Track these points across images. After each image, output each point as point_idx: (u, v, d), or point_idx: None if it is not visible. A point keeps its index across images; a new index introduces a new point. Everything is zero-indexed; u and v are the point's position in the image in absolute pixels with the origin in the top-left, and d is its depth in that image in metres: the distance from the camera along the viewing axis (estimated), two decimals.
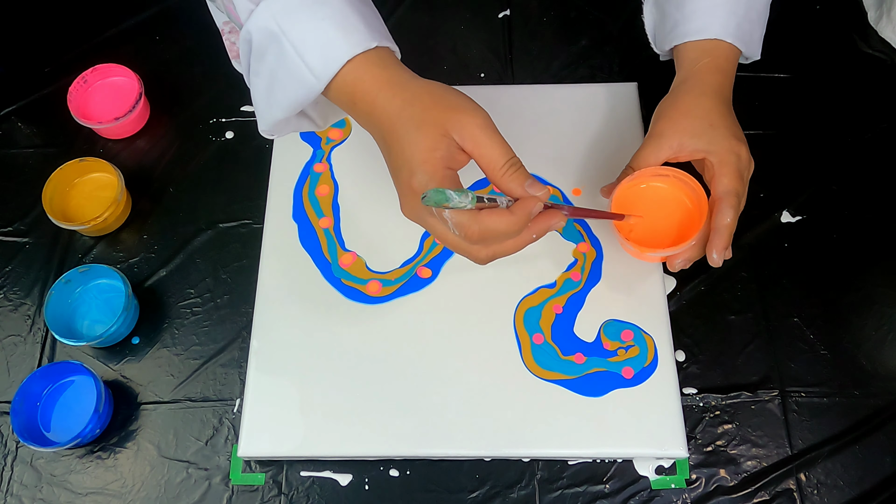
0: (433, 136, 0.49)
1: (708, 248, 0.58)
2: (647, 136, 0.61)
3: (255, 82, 0.54)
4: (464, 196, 0.46)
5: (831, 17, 0.83)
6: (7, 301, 0.73)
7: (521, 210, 0.49)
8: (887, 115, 0.77)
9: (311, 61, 0.50)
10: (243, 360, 0.68)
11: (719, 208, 0.58)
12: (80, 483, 0.66)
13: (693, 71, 0.62)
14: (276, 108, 0.54)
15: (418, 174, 0.48)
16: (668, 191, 0.62)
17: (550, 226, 0.52)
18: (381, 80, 0.51)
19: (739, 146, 0.59)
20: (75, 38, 0.85)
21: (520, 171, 0.50)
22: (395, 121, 0.50)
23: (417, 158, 0.49)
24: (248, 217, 0.75)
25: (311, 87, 0.51)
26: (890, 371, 0.67)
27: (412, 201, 0.50)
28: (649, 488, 0.64)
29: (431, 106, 0.50)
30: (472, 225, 0.48)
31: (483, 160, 0.49)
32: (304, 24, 0.50)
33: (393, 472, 0.65)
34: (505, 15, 0.84)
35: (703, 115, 0.59)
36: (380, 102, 0.51)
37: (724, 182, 0.58)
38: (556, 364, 0.65)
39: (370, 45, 0.51)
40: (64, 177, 0.74)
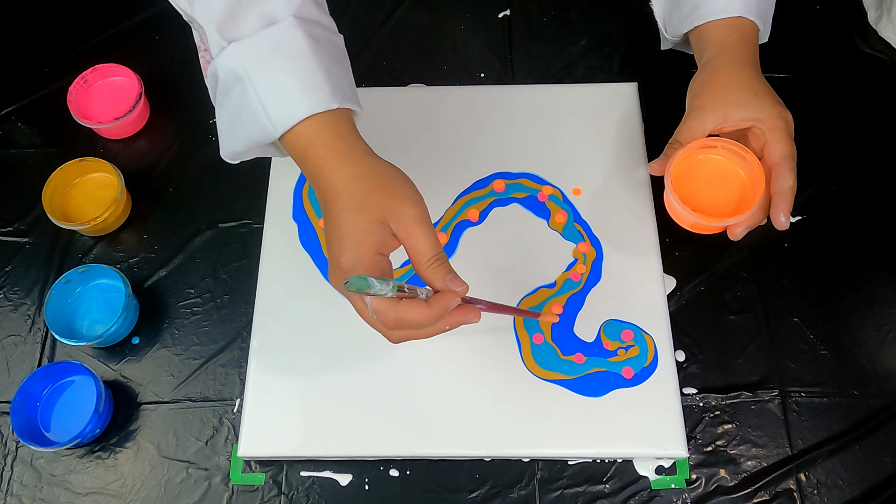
0: (370, 220, 0.50)
1: (774, 212, 0.59)
2: (689, 111, 0.62)
3: (219, 112, 0.57)
4: (385, 284, 0.47)
5: (831, 17, 0.83)
6: (7, 301, 0.73)
7: (437, 304, 0.50)
8: (887, 115, 0.77)
9: (270, 111, 0.52)
10: (243, 360, 0.68)
11: (779, 172, 0.58)
12: (80, 483, 0.66)
13: (724, 45, 0.62)
14: (237, 142, 0.56)
15: (348, 254, 0.50)
16: (723, 161, 0.62)
17: (465, 320, 0.53)
18: (333, 148, 0.52)
19: (785, 111, 0.60)
20: (75, 38, 0.85)
21: (443, 266, 0.51)
22: (337, 194, 0.51)
23: (351, 240, 0.50)
24: (248, 217, 0.75)
25: (267, 134, 0.53)
26: (890, 371, 0.67)
27: (338, 274, 0.51)
28: (649, 488, 0.64)
29: (375, 190, 0.51)
30: (390, 313, 0.50)
31: (412, 251, 0.51)
32: (269, 74, 0.52)
33: (393, 472, 0.65)
34: (505, 15, 0.84)
35: (745, 85, 0.60)
36: (326, 171, 0.52)
37: (779, 147, 0.58)
38: (556, 364, 0.65)
39: (330, 106, 0.52)
40: (64, 177, 0.74)
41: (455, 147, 0.74)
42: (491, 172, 0.73)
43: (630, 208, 0.71)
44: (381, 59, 0.82)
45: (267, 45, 0.52)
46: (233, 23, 0.53)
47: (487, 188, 0.72)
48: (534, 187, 0.72)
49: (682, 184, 0.62)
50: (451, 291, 0.51)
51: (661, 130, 0.76)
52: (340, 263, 0.50)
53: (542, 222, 0.71)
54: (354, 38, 0.83)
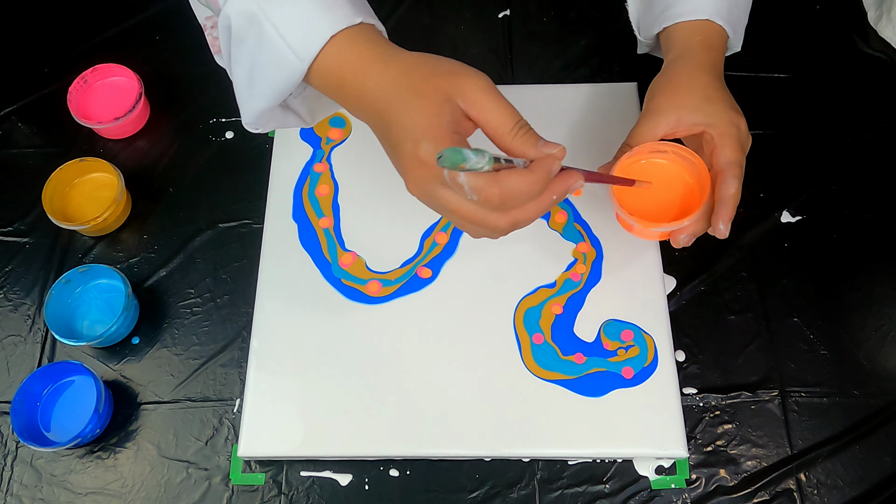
0: (436, 101, 0.46)
1: (714, 219, 0.57)
2: (643, 113, 0.61)
3: (235, 71, 0.52)
4: (480, 156, 0.42)
5: (831, 17, 0.83)
6: (7, 301, 0.73)
7: (540, 168, 0.46)
8: (887, 115, 0.77)
9: (292, 41, 0.48)
10: (243, 360, 0.68)
11: (723, 179, 0.57)
12: (80, 483, 0.66)
13: (686, 48, 0.61)
14: (259, 96, 0.52)
15: (424, 142, 0.45)
16: (668, 166, 0.61)
17: (569, 186, 0.49)
18: (369, 56, 0.48)
19: (738, 118, 0.59)
20: (75, 38, 0.85)
21: (530, 132, 0.47)
22: (391, 94, 0.47)
23: (422, 125, 0.45)
24: (248, 217, 0.75)
25: (293, 70, 0.49)
26: (890, 371, 0.67)
27: (419, 173, 0.46)
28: (649, 488, 0.64)
29: (429, 74, 0.47)
30: (492, 187, 0.45)
31: (490, 125, 0.47)
32: (284, 2, 0.48)
33: (393, 472, 0.65)
34: (505, 15, 0.84)
35: (700, 90, 0.59)
36: (371, 79, 0.48)
37: (727, 153, 0.57)
38: (556, 364, 0.65)
39: (354, 20, 0.49)
40: (64, 177, 0.74)
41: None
42: None
43: None
44: None
45: None
46: None
47: None
48: None
49: (625, 190, 0.60)
50: (549, 155, 0.46)
51: None
52: (420, 156, 0.45)
53: (542, 222, 0.71)
54: None
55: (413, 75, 0.47)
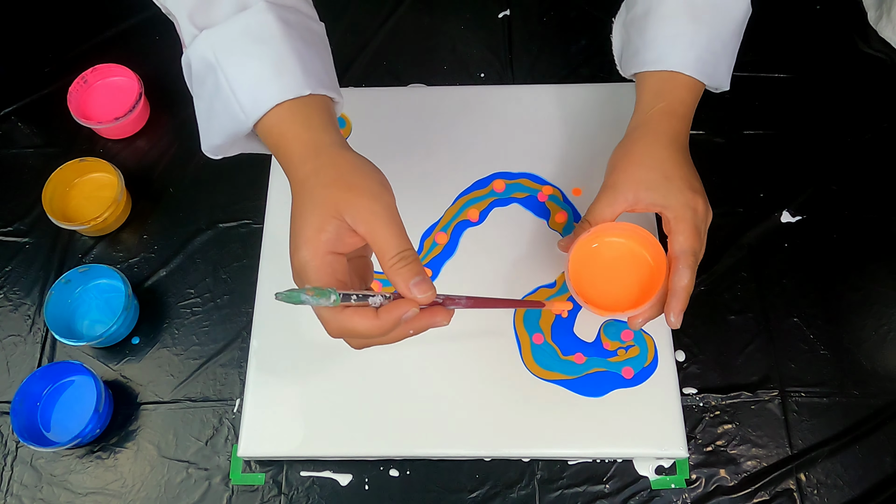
0: (323, 216, 0.47)
1: (666, 310, 0.56)
2: (602, 188, 0.59)
3: (197, 104, 0.55)
4: (322, 297, 0.44)
5: (831, 17, 0.83)
6: (7, 301, 0.73)
7: (387, 315, 0.46)
8: (887, 115, 0.77)
9: (241, 98, 0.50)
10: (243, 360, 0.68)
11: (675, 268, 0.55)
12: (80, 483, 0.66)
13: (647, 117, 0.59)
14: (214, 134, 0.54)
15: (301, 251, 0.47)
16: (627, 245, 0.60)
17: (433, 324, 0.49)
18: (299, 140, 0.50)
19: (696, 199, 0.56)
20: (75, 38, 0.85)
21: (409, 267, 0.46)
22: (297, 188, 0.49)
23: (304, 235, 0.47)
24: (248, 217, 0.75)
25: (241, 123, 0.51)
26: (890, 371, 0.67)
27: (292, 270, 0.48)
28: (649, 488, 0.64)
29: (331, 183, 0.48)
30: (332, 321, 0.47)
31: (374, 248, 0.47)
32: (238, 59, 0.50)
33: (393, 472, 0.65)
34: (505, 15, 0.84)
35: (656, 167, 0.57)
36: (293, 164, 0.50)
37: (680, 240, 0.55)
38: (556, 364, 0.65)
39: (302, 91, 0.50)
40: (64, 177, 0.74)
41: (455, 147, 0.74)
42: (491, 172, 0.73)
43: None
44: (381, 59, 0.82)
45: (237, 30, 0.50)
46: (205, 10, 0.51)
47: (487, 188, 0.72)
48: (534, 187, 0.72)
49: (584, 269, 0.59)
50: (410, 299, 0.47)
51: None
52: (293, 262, 0.47)
53: (542, 222, 0.71)
54: (354, 39, 0.83)
55: (319, 179, 0.48)
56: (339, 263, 0.47)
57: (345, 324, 0.47)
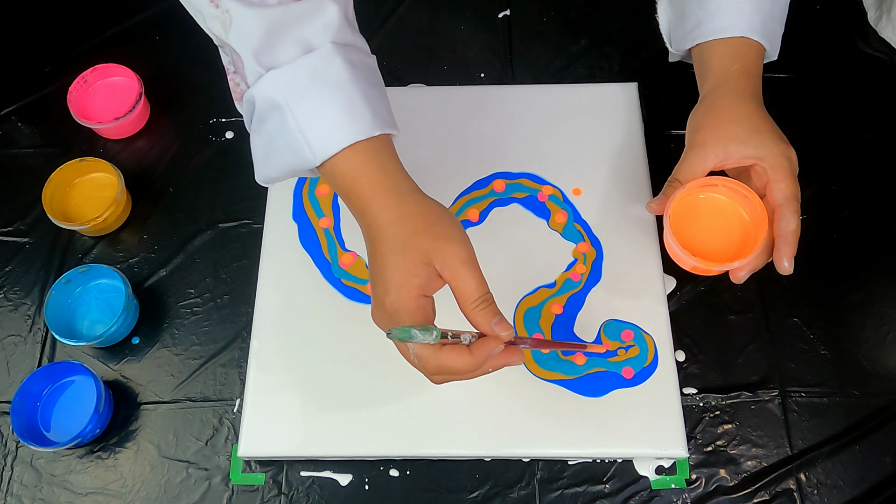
0: (415, 262, 0.50)
1: (777, 256, 0.56)
2: (689, 147, 0.60)
3: (254, 139, 0.56)
4: (427, 334, 0.48)
5: (831, 17, 0.83)
6: (7, 301, 0.73)
7: (480, 351, 0.50)
8: (887, 115, 0.77)
9: (311, 140, 0.51)
10: (243, 360, 0.68)
11: (782, 214, 0.56)
12: (80, 483, 0.66)
13: (726, 77, 0.60)
14: (272, 168, 0.55)
15: (392, 296, 0.49)
16: (723, 200, 0.60)
17: (508, 363, 0.52)
18: (378, 186, 0.51)
19: (788, 149, 0.58)
20: (75, 38, 0.85)
21: (489, 308, 0.50)
22: (382, 234, 0.51)
23: (395, 282, 0.49)
24: (248, 217, 0.75)
25: (306, 161, 0.52)
26: (890, 371, 0.67)
27: (381, 314, 0.51)
28: (649, 488, 0.64)
29: (421, 231, 0.50)
30: (432, 360, 0.50)
31: (458, 291, 0.50)
32: (309, 102, 0.51)
33: (393, 472, 0.65)
34: (505, 15, 0.84)
35: (746, 121, 0.58)
36: (372, 210, 0.51)
37: (782, 187, 0.56)
38: (556, 364, 0.65)
39: (372, 132, 0.51)
40: (64, 177, 0.74)
41: (455, 147, 0.74)
42: (491, 172, 0.73)
43: (630, 208, 0.71)
44: (381, 59, 0.81)
45: (306, 73, 0.51)
46: (270, 50, 0.51)
47: (487, 188, 0.72)
48: (534, 187, 0.72)
49: (681, 225, 0.60)
50: (495, 337, 0.50)
51: (661, 130, 0.76)
52: (384, 305, 0.50)
53: (542, 222, 0.71)
54: None
55: (407, 227, 0.51)
56: (429, 306, 0.51)
57: (443, 361, 0.50)
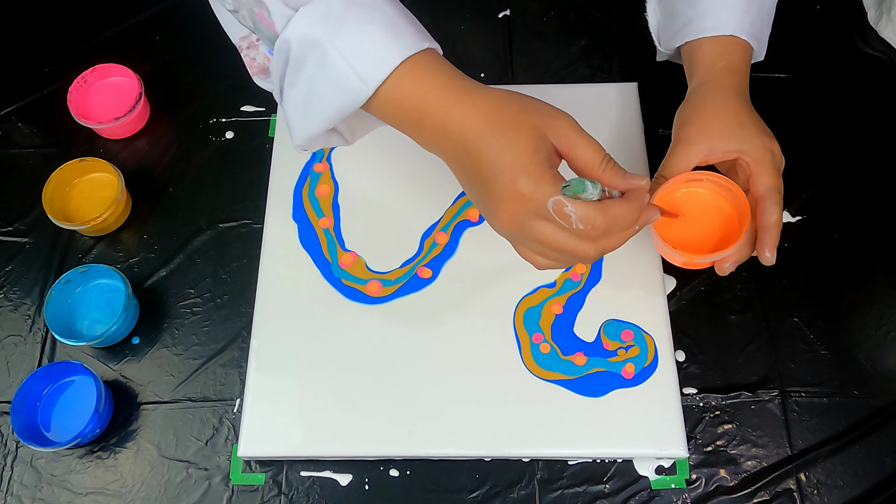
0: (533, 137, 0.47)
1: (759, 247, 0.57)
2: (674, 143, 0.60)
3: (289, 95, 0.52)
4: (595, 186, 0.46)
5: (831, 17, 0.83)
6: (7, 301, 0.73)
7: (637, 198, 0.49)
8: (887, 115, 0.77)
9: (359, 66, 0.48)
10: (243, 360, 0.68)
11: (764, 206, 0.57)
12: (80, 483, 0.66)
13: (712, 74, 0.61)
14: (315, 119, 0.51)
15: (524, 177, 0.47)
16: (706, 195, 0.61)
17: (650, 218, 0.53)
18: (453, 88, 0.49)
19: (772, 143, 0.59)
20: (75, 38, 0.85)
21: (617, 166, 0.49)
22: (482, 129, 0.48)
23: (521, 160, 0.47)
24: (248, 217, 0.75)
25: (357, 94, 0.49)
26: (890, 371, 0.67)
27: (516, 206, 0.48)
28: (649, 488, 0.64)
29: (520, 110, 0.48)
30: (598, 216, 0.47)
31: (580, 159, 0.49)
32: (349, 27, 0.48)
33: (393, 472, 0.65)
34: (505, 15, 0.84)
35: (730, 117, 0.59)
36: (457, 113, 0.49)
37: (764, 179, 0.57)
38: (556, 364, 0.65)
39: (421, 46, 0.49)
40: (64, 177, 0.74)
41: None
42: None
43: None
44: None
45: (338, 0, 0.48)
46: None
47: None
48: None
49: (666, 220, 0.60)
50: (639, 186, 0.49)
51: (661, 130, 0.76)
52: (519, 191, 0.47)
53: None
54: None
55: (505, 111, 0.48)
56: (559, 178, 0.48)
57: (610, 212, 0.48)
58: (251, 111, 0.80)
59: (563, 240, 0.48)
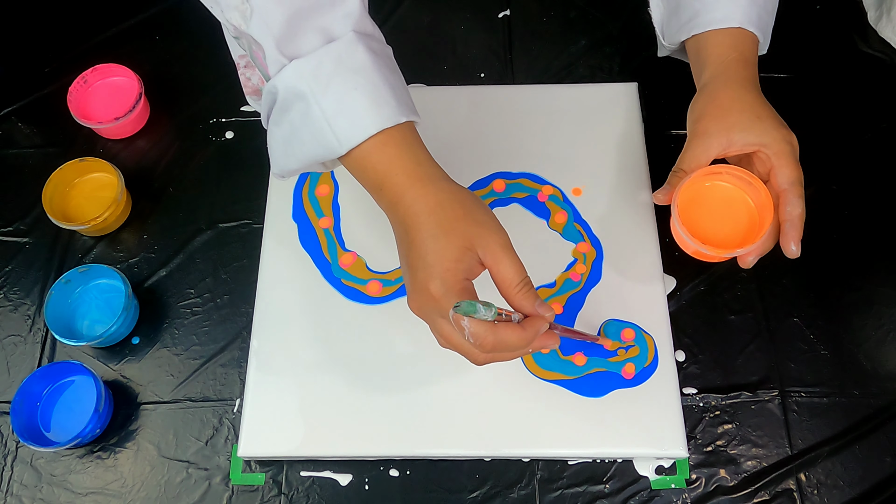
0: (458, 247, 0.50)
1: (784, 241, 0.58)
2: (691, 136, 0.61)
3: (273, 130, 0.55)
4: (489, 310, 0.48)
5: (831, 17, 0.83)
6: (7, 301, 0.73)
7: (531, 327, 0.51)
8: (887, 115, 0.77)
9: (337, 128, 0.51)
10: (243, 360, 0.68)
11: (787, 199, 0.57)
12: (80, 483, 0.66)
13: (724, 66, 0.61)
14: (293, 160, 0.55)
15: (437, 281, 0.50)
16: (728, 188, 0.61)
17: (547, 345, 0.54)
18: (413, 172, 0.52)
19: (790, 134, 0.59)
20: (75, 38, 0.85)
21: (531, 291, 0.51)
22: (421, 221, 0.51)
23: (440, 267, 0.50)
24: (248, 217, 0.75)
25: (332, 150, 0.52)
26: (890, 371, 0.67)
27: (424, 301, 0.51)
28: (649, 488, 0.64)
29: (461, 217, 0.51)
30: (489, 336, 0.50)
31: (500, 276, 0.51)
32: (335, 90, 0.51)
33: (393, 472, 0.65)
34: (505, 15, 0.84)
35: (748, 109, 0.59)
36: (409, 197, 0.51)
37: (786, 172, 0.57)
38: (556, 364, 0.65)
39: (398, 119, 0.52)
40: (64, 177, 0.74)
41: (455, 147, 0.74)
42: (491, 172, 0.73)
43: (630, 208, 0.71)
44: None
45: (330, 61, 0.51)
46: (292, 39, 0.51)
47: (487, 188, 0.72)
48: (534, 187, 0.72)
49: (688, 213, 0.61)
50: (541, 316, 0.51)
51: (661, 130, 0.76)
52: (430, 290, 0.50)
53: (542, 222, 0.71)
54: None
55: (447, 214, 0.51)
56: (472, 290, 0.51)
57: (501, 336, 0.50)
58: (251, 111, 0.80)
59: (458, 342, 0.51)
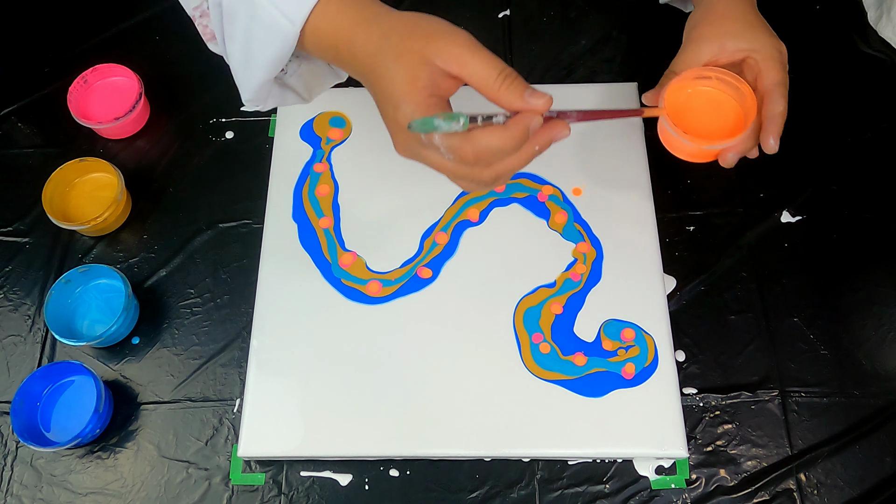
0: (412, 65, 0.47)
1: (763, 136, 0.59)
2: (686, 42, 0.62)
3: (230, 48, 0.53)
4: (453, 121, 0.44)
5: (831, 17, 0.83)
6: (7, 301, 0.73)
7: (516, 125, 0.47)
8: (887, 115, 0.77)
9: (283, 5, 0.49)
10: (243, 360, 0.68)
11: (771, 98, 0.59)
12: (80, 483, 0.66)
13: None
14: (256, 68, 0.52)
15: (402, 107, 0.47)
16: (714, 91, 0.62)
17: (554, 137, 0.49)
18: (357, 18, 0.49)
19: (780, 43, 0.61)
20: (75, 38, 0.85)
21: (516, 82, 0.47)
22: (374, 57, 0.48)
23: (399, 91, 0.47)
24: (248, 217, 0.75)
25: (286, 35, 0.50)
26: (890, 371, 0.67)
27: (402, 136, 0.48)
28: (649, 488, 0.64)
29: (407, 36, 0.48)
30: (465, 146, 0.46)
31: (473, 79, 0.47)
32: None
33: (393, 472, 0.65)
34: (505, 15, 0.84)
35: (741, 17, 0.61)
36: (359, 42, 0.49)
37: (772, 75, 0.59)
38: (556, 364, 0.65)
39: None
40: (64, 177, 0.74)
41: None
42: None
43: (630, 208, 0.71)
44: None
45: None
46: None
47: None
48: (534, 187, 0.72)
49: (675, 113, 0.61)
50: (531, 108, 0.47)
51: None
52: (398, 121, 0.47)
53: (542, 222, 0.71)
54: None
55: (393, 39, 0.48)
56: (443, 105, 0.47)
57: (479, 143, 0.46)
58: (251, 111, 0.79)
59: (452, 167, 0.48)
